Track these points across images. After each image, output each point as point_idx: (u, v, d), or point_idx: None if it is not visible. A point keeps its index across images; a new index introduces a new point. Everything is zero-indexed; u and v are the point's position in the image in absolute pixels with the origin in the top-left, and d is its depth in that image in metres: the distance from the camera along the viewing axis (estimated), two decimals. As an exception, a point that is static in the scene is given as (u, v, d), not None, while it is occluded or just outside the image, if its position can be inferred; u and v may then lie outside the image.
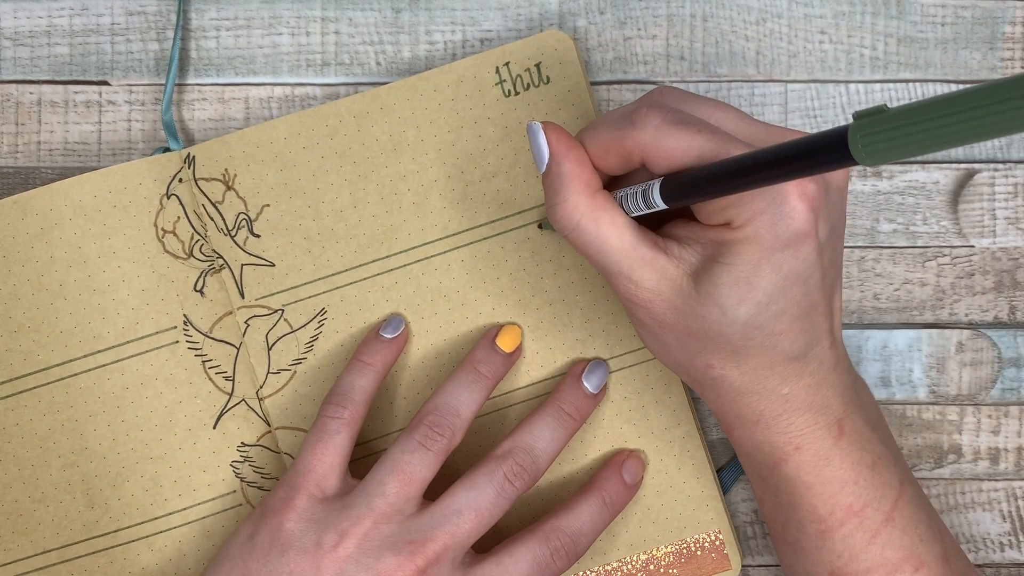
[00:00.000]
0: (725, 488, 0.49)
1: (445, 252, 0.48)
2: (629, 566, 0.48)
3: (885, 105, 0.29)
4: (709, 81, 0.49)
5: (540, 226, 0.48)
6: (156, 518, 0.48)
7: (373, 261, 0.48)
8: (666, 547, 0.48)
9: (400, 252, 0.48)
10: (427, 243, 0.48)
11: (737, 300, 0.38)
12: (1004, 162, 0.50)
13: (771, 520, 0.44)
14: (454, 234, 0.48)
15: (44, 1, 0.50)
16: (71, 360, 0.48)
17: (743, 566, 0.50)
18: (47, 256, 0.47)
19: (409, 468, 0.43)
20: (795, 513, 0.43)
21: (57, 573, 0.48)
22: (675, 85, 0.50)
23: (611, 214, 0.40)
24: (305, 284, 0.48)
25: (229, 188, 0.48)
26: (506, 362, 0.47)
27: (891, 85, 0.49)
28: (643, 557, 0.48)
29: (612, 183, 0.43)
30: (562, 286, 0.48)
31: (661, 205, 0.39)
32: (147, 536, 0.48)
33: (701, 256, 0.39)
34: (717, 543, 0.48)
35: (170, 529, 0.48)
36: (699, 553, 0.48)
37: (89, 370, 0.48)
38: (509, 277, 0.48)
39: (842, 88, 0.50)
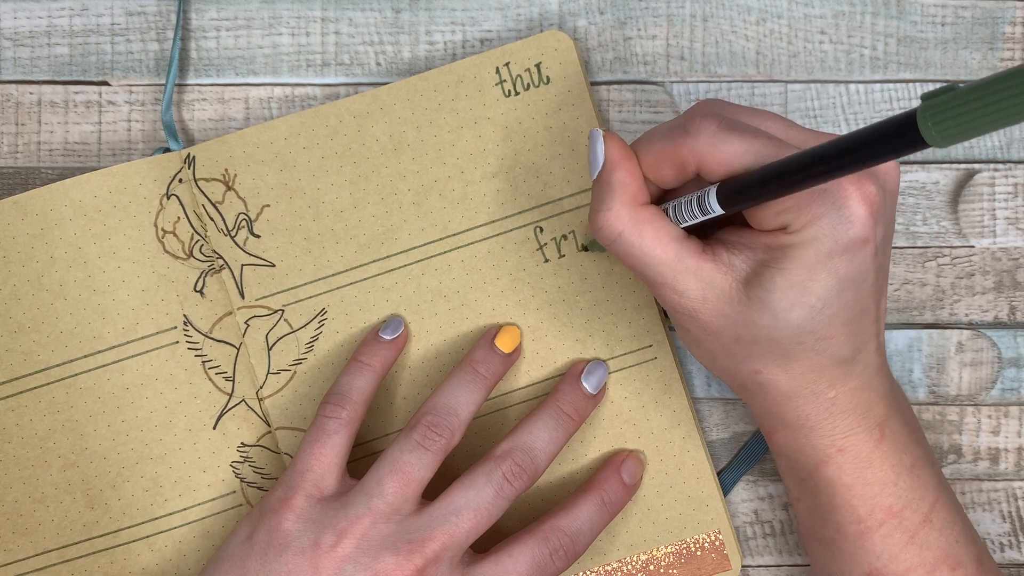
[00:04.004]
0: (726, 490, 0.49)
1: (445, 252, 0.48)
2: (629, 566, 0.48)
3: (955, 84, 0.29)
4: (709, 81, 0.49)
5: (585, 248, 0.48)
6: (156, 518, 0.48)
7: (373, 261, 0.48)
8: (666, 547, 0.48)
9: (400, 252, 0.48)
10: (427, 243, 0.48)
11: (790, 304, 0.38)
12: (1004, 162, 0.50)
13: (806, 520, 0.44)
14: (454, 234, 0.48)
15: (44, 1, 0.50)
16: (71, 360, 0.48)
17: (743, 566, 0.50)
18: (47, 256, 0.47)
19: (407, 468, 0.43)
20: (834, 514, 0.43)
21: (57, 573, 0.48)
22: (675, 85, 0.50)
23: (655, 226, 0.40)
24: (305, 284, 0.48)
25: (229, 188, 0.48)
26: (505, 362, 0.47)
27: (891, 85, 0.49)
28: (643, 557, 0.48)
29: (662, 198, 0.43)
30: (562, 286, 0.48)
31: (718, 211, 0.39)
32: (147, 536, 0.48)
33: (753, 261, 0.39)
34: (717, 543, 0.48)
35: (170, 529, 0.48)
36: (699, 553, 0.48)
37: (89, 370, 0.48)
38: (509, 277, 0.48)
39: (842, 88, 0.50)
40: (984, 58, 0.49)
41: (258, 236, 0.48)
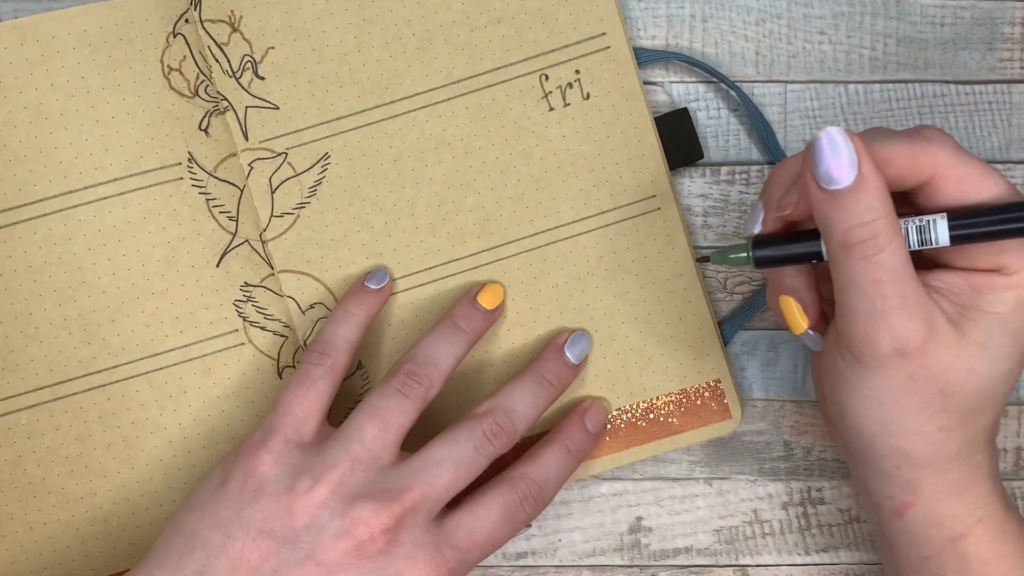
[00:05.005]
0: (726, 341, 0.49)
1: (449, 99, 0.48)
2: (629, 415, 0.48)
3: None
4: (709, 81, 0.50)
5: (706, 259, 0.45)
6: (156, 354, 0.46)
7: (377, 107, 0.48)
8: (666, 396, 0.48)
9: (404, 98, 0.48)
10: (431, 89, 0.48)
11: (1005, 353, 0.37)
12: (1004, 162, 0.50)
13: None
14: (458, 80, 0.48)
15: (44, 2, 0.49)
16: (70, 192, 0.46)
17: (743, 565, 0.49)
18: (47, 84, 0.46)
19: (386, 413, 0.43)
20: None
21: (50, 411, 0.46)
22: (675, 85, 0.50)
23: (903, 243, 0.37)
24: (309, 128, 0.47)
25: (235, 30, 0.47)
26: (486, 318, 0.47)
27: (890, 85, 0.50)
28: (643, 406, 0.48)
29: None
30: (567, 135, 0.48)
31: (943, 243, 0.37)
32: (146, 372, 0.46)
33: (955, 306, 0.38)
34: (717, 392, 0.48)
35: (171, 366, 0.46)
36: (699, 402, 0.48)
37: (89, 202, 0.46)
38: (513, 125, 0.48)
39: (841, 88, 0.50)
40: (983, 58, 0.50)
41: (263, 78, 0.47)
